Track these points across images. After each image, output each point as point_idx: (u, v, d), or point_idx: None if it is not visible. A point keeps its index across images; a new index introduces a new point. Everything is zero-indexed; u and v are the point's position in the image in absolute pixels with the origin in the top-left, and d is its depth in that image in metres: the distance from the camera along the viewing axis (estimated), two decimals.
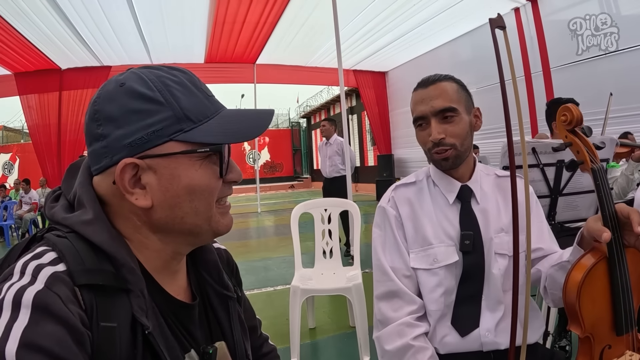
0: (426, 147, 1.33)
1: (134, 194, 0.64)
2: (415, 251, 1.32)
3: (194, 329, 0.74)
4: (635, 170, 3.20)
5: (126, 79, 0.66)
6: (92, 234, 0.62)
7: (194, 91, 0.68)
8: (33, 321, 0.51)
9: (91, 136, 0.66)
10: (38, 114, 10.02)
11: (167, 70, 0.69)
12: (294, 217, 3.03)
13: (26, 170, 18.17)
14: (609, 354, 1.01)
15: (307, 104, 25.50)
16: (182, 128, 0.65)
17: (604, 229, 0.97)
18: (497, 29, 1.00)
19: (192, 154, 0.66)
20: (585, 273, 0.98)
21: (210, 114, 0.69)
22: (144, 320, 0.60)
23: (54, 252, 0.60)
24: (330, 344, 3.09)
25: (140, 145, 0.63)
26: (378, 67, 13.03)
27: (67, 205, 0.68)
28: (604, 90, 6.37)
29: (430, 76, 1.34)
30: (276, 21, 8.59)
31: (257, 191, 13.05)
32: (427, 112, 1.28)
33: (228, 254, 0.94)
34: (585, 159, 1.07)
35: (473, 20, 8.91)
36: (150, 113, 0.64)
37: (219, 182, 0.70)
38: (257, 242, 7.92)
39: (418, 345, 1.23)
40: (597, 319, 1.00)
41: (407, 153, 12.90)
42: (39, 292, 0.53)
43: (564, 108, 1.12)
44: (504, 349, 1.26)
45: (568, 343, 2.53)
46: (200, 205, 0.68)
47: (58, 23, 7.49)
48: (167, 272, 0.72)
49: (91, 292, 0.58)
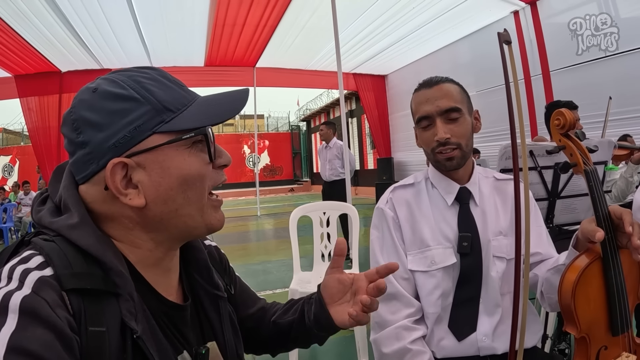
0: (430, 148, 1.32)
1: (128, 194, 0.64)
2: (412, 253, 1.32)
3: (186, 330, 0.74)
4: (634, 172, 3.20)
5: (98, 85, 0.66)
6: (78, 237, 0.62)
7: (168, 84, 0.69)
8: (21, 326, 0.51)
9: (73, 146, 0.66)
10: (38, 117, 10.01)
11: (137, 70, 0.69)
12: (293, 220, 3.02)
13: (26, 172, 18.18)
14: (605, 355, 1.01)
15: (306, 107, 25.53)
16: (163, 119, 0.65)
17: (598, 229, 0.98)
18: (505, 44, 1.01)
19: (179, 142, 0.66)
20: (580, 273, 0.99)
21: (188, 102, 0.69)
22: (132, 325, 0.60)
23: (41, 256, 0.60)
24: (328, 348, 3.08)
25: (125, 143, 0.63)
26: (377, 71, 13.03)
27: (53, 209, 0.68)
28: (603, 93, 6.38)
29: (432, 78, 1.34)
30: (276, 24, 8.61)
31: (257, 194, 13.04)
32: (433, 111, 1.28)
33: (218, 250, 0.94)
34: (578, 162, 1.09)
35: (472, 24, 8.93)
36: (128, 111, 0.64)
37: (209, 168, 0.70)
38: (256, 245, 7.93)
39: (415, 349, 1.23)
40: (593, 319, 1.01)
41: (407, 156, 12.91)
42: (26, 297, 0.53)
43: (557, 112, 1.14)
44: (501, 354, 1.25)
45: (567, 346, 2.52)
46: (192, 195, 0.68)
47: (58, 25, 7.50)
48: (159, 271, 0.71)
49: (79, 296, 0.58)
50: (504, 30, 0.98)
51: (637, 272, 1.05)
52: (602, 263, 1.00)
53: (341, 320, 0.84)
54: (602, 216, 1.00)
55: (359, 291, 0.85)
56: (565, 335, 2.58)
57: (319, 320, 0.87)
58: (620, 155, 3.06)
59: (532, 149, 2.08)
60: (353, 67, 12.22)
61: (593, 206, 1.02)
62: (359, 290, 0.86)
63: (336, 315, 0.85)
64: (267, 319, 0.97)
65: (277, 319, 0.95)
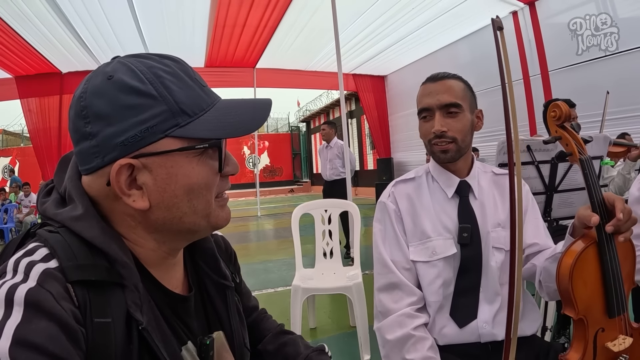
0: (427, 139, 1.37)
1: (131, 195, 0.62)
2: (414, 244, 1.36)
3: (190, 321, 0.73)
4: (631, 169, 3.25)
5: (114, 70, 0.62)
6: (82, 229, 0.61)
7: (188, 82, 0.65)
8: (26, 319, 0.50)
9: (78, 134, 0.62)
10: (38, 118, 10.00)
11: (158, 60, 0.65)
12: (295, 218, 3.06)
13: (26, 174, 18.02)
14: (603, 337, 1.05)
15: (306, 108, 25.56)
16: (178, 123, 0.62)
17: (593, 214, 1.03)
18: (497, 30, 1.05)
19: (189, 151, 0.63)
20: (576, 257, 1.03)
21: (206, 106, 0.65)
22: (138, 316, 0.59)
23: (45, 249, 0.59)
24: (331, 344, 3.06)
25: (134, 143, 0.60)
26: (377, 71, 13.04)
27: (58, 200, 0.67)
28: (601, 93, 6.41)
29: (439, 73, 1.38)
30: (276, 25, 8.62)
31: (257, 195, 13.07)
32: (433, 104, 1.33)
33: (225, 240, 0.93)
34: (574, 151, 1.13)
35: (472, 24, 8.95)
36: (143, 108, 0.60)
37: (217, 177, 0.68)
38: (257, 245, 7.94)
39: (418, 335, 1.26)
40: (590, 300, 1.05)
41: (407, 156, 12.91)
42: (31, 290, 0.53)
43: (553, 105, 1.18)
44: (502, 340, 1.28)
45: (567, 340, 2.55)
46: (199, 204, 0.66)
47: (59, 26, 7.51)
48: (162, 267, 0.71)
49: (84, 288, 0.57)
50: (496, 16, 1.03)
51: (632, 257, 1.10)
52: (598, 247, 1.05)
53: None
54: (597, 202, 1.05)
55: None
56: (564, 329, 2.62)
57: None
58: (617, 152, 3.10)
59: (529, 144, 2.11)
60: (353, 67, 12.23)
61: (588, 193, 1.06)
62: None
63: None
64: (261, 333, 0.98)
65: (266, 347, 0.96)
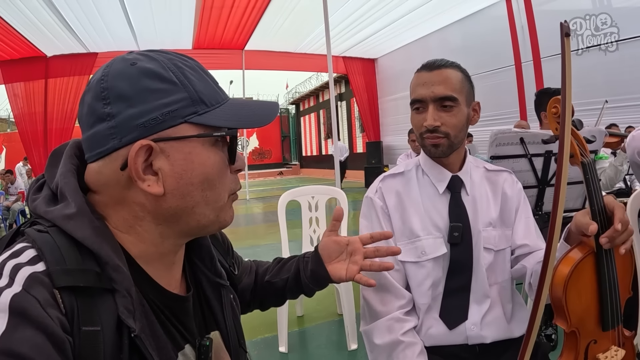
0: (418, 132, 1.29)
1: (146, 180, 0.61)
2: (402, 243, 1.30)
3: (188, 322, 0.72)
4: (624, 161, 3.23)
5: (136, 59, 0.63)
6: (73, 229, 0.58)
7: (205, 77, 0.68)
8: (11, 327, 0.48)
9: (94, 117, 0.61)
10: (24, 102, 9.86)
11: (177, 55, 0.67)
12: (281, 205, 3.01)
13: (13, 159, 17.72)
14: (595, 348, 1.00)
15: (296, 91, 25.38)
16: (197, 110, 0.63)
17: (591, 222, 0.96)
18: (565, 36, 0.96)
19: (206, 138, 0.65)
20: (573, 267, 0.97)
21: (221, 100, 0.68)
22: (130, 323, 0.57)
23: (33, 250, 0.57)
24: (318, 332, 3.09)
25: (154, 126, 0.61)
26: (367, 54, 12.97)
27: (50, 196, 0.64)
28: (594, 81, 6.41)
29: (436, 60, 1.28)
30: (265, 6, 8.47)
31: (246, 178, 13.03)
32: (427, 96, 1.24)
33: (220, 231, 0.92)
34: (576, 152, 1.03)
35: (463, 9, 8.88)
36: (165, 92, 0.61)
37: (228, 170, 0.70)
38: (245, 230, 7.90)
39: (408, 341, 1.21)
40: (584, 313, 0.99)
41: (396, 140, 12.85)
42: (16, 296, 0.50)
43: (555, 100, 1.08)
44: (489, 343, 1.25)
45: (554, 332, 2.56)
46: (211, 195, 0.67)
47: (43, 8, 7.30)
48: (162, 265, 0.69)
49: (72, 294, 0.55)
50: (564, 21, 0.92)
51: (630, 266, 1.04)
52: (596, 258, 0.98)
53: (338, 276, 1.01)
54: (597, 210, 0.97)
55: (355, 252, 1.04)
56: (552, 320, 2.62)
57: (316, 276, 1.01)
58: (610, 142, 3.07)
59: (522, 136, 2.07)
60: (343, 50, 12.14)
61: (589, 199, 0.99)
62: (355, 252, 1.04)
63: (333, 272, 1.01)
64: (260, 280, 1.06)
65: (272, 279, 1.05)
